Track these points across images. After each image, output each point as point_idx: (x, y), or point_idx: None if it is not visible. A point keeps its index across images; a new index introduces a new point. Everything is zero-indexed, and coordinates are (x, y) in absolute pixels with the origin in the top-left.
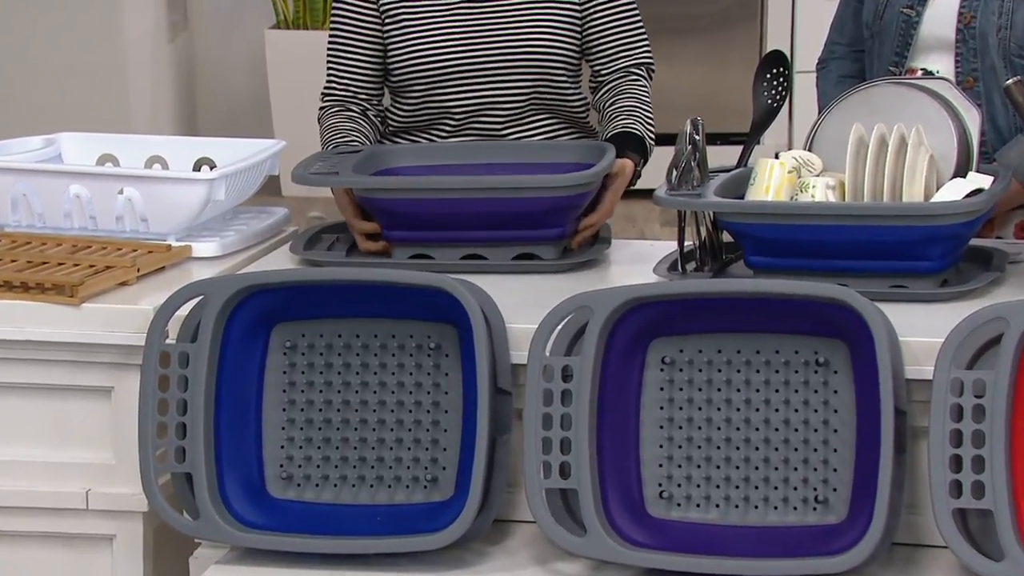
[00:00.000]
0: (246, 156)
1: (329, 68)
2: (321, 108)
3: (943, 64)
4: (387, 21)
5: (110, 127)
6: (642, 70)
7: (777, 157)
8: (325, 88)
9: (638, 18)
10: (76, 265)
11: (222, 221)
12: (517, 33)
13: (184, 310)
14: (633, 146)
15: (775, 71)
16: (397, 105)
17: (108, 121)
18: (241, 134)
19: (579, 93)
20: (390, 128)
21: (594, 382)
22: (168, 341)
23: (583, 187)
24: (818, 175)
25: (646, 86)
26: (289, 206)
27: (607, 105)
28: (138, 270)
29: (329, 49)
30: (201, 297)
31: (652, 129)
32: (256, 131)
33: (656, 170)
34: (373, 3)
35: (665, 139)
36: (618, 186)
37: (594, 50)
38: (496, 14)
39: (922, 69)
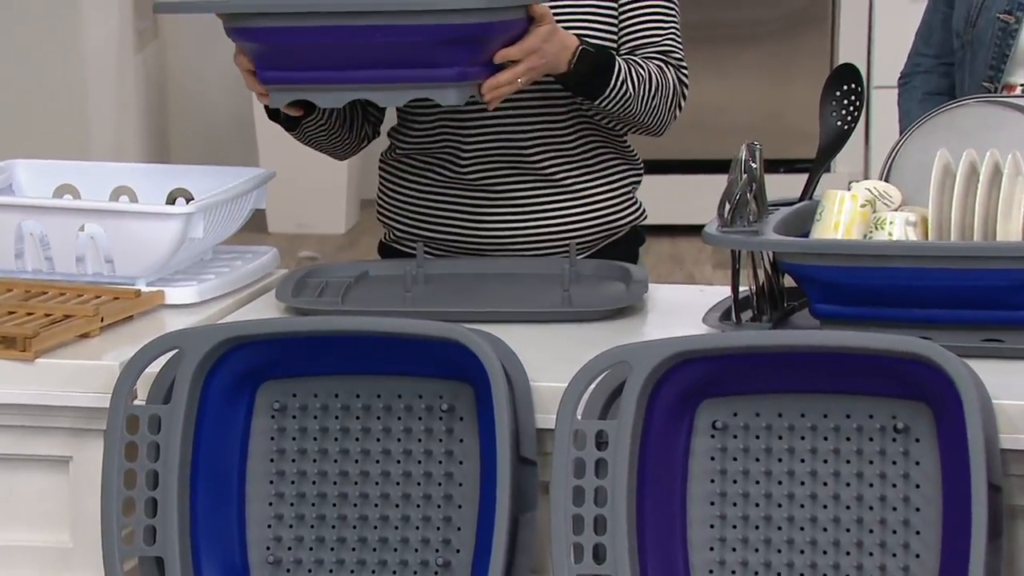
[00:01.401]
0: (228, 186)
1: None
2: None
3: None
4: None
5: (68, 153)
6: (664, 61)
7: (849, 188)
8: None
9: (672, 15)
10: (30, 314)
11: (200, 263)
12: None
13: (155, 366)
14: (597, 53)
15: (846, 87)
16: (403, 125)
17: (66, 146)
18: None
19: None
20: (397, 152)
21: (633, 450)
22: (137, 402)
23: (484, 13)
24: (897, 209)
25: (661, 69)
26: (277, 245)
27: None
28: (102, 320)
29: None
30: (175, 351)
31: (635, 74)
32: (239, 157)
33: (707, 202)
34: None
35: (717, 167)
36: (544, 32)
37: (621, 45)
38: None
39: (1021, 85)
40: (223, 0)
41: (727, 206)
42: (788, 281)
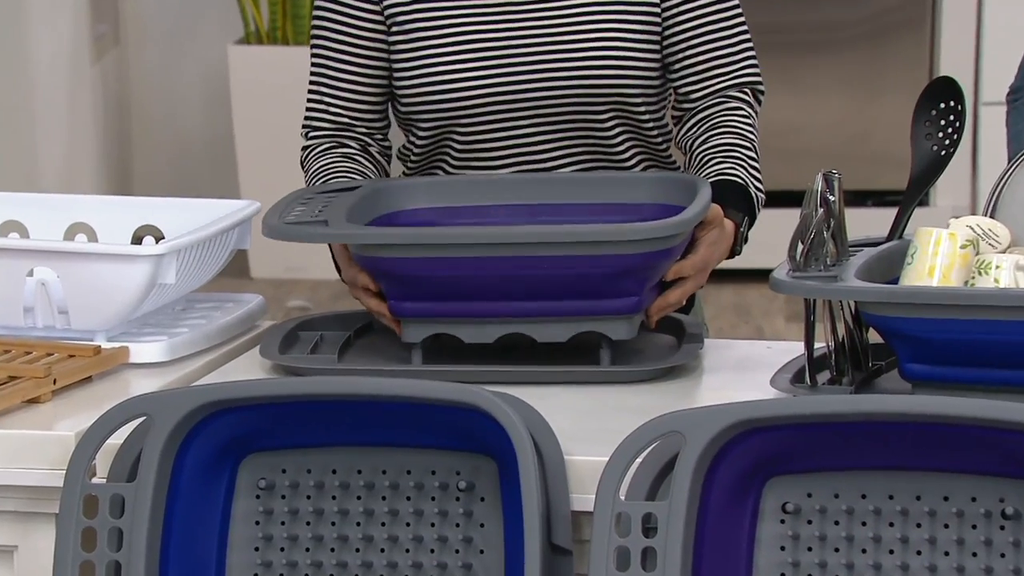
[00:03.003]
0: (204, 223)
1: (312, 90)
2: (305, 148)
3: None
4: (393, 28)
5: (13, 183)
6: (746, 92)
7: (948, 226)
8: (307, 119)
9: (740, 20)
10: None
11: (172, 314)
12: (577, 43)
13: (118, 437)
14: (734, 200)
15: (944, 104)
16: (410, 147)
17: (10, 175)
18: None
19: (661, 125)
20: (405, 175)
21: (687, 538)
22: (95, 480)
23: (669, 240)
24: (1005, 251)
25: (750, 116)
26: (263, 292)
27: (697, 144)
28: (54, 382)
29: (313, 64)
30: (143, 419)
31: (759, 178)
32: (217, 187)
33: (775, 241)
34: (374, 1)
35: (789, 199)
36: (713, 238)
37: (677, 66)
38: (547, 17)
39: None
40: (358, 231)
41: (800, 247)
42: (874, 336)
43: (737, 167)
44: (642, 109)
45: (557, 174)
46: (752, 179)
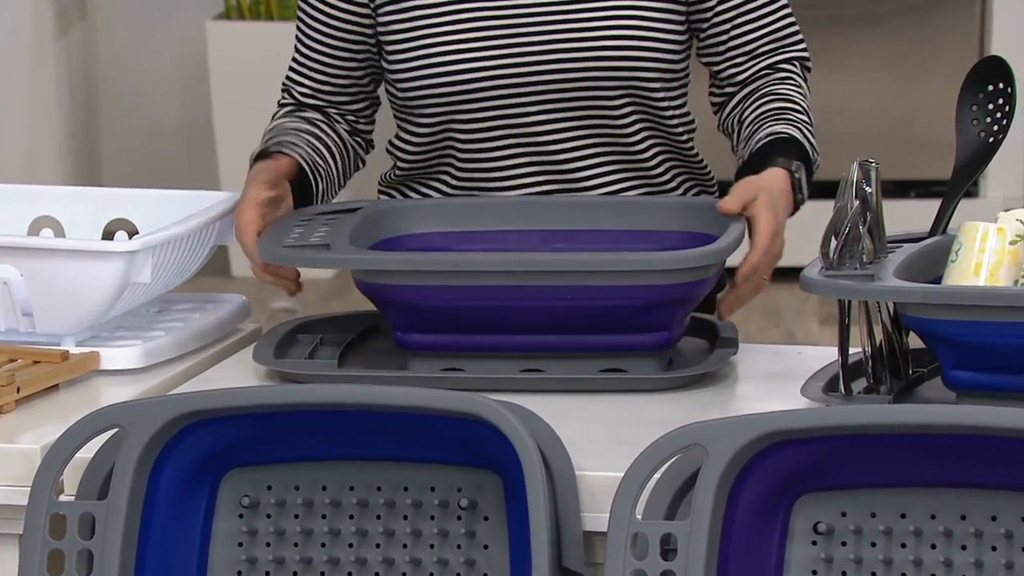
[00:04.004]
0: (181, 217)
1: (290, 66)
2: (278, 106)
3: None
4: (386, 7)
5: None
6: (794, 65)
7: (996, 219)
8: (286, 81)
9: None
10: None
11: (146, 316)
12: (589, 23)
13: (88, 451)
14: (783, 151)
15: (992, 87)
16: (403, 141)
17: None
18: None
19: (682, 115)
20: (396, 174)
21: (710, 560)
22: (64, 498)
23: (704, 271)
24: None
25: (801, 86)
26: (245, 292)
27: (746, 115)
28: (18, 390)
29: (298, 36)
30: (115, 431)
31: (813, 137)
32: (194, 177)
33: (807, 237)
34: None
35: (822, 190)
36: (773, 230)
37: (721, 47)
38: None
39: None
40: (363, 256)
41: (833, 242)
42: (914, 341)
43: (789, 127)
44: (660, 95)
45: (576, 197)
46: (805, 135)
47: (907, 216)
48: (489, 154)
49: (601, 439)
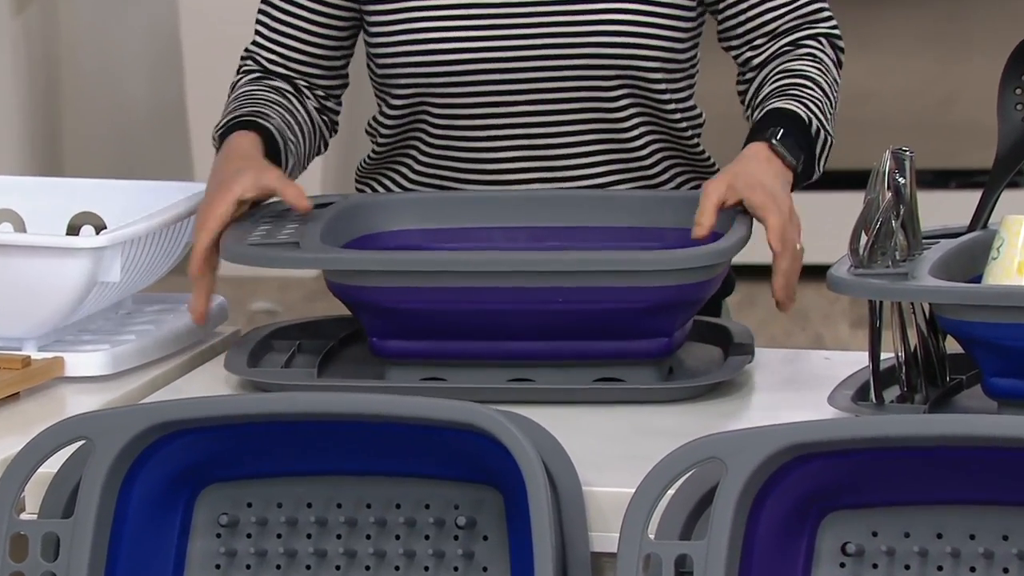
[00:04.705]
0: (153, 210)
1: (256, 30)
2: (232, 85)
3: None
4: None
5: None
6: (820, 42)
7: None
8: (244, 54)
9: None
10: None
11: (115, 319)
12: (583, 7)
13: (52, 465)
14: (766, 126)
15: None
16: (377, 123)
17: None
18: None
19: (686, 109)
20: (370, 158)
21: None
22: (25, 516)
23: (709, 270)
24: None
25: (822, 60)
26: (222, 292)
27: (755, 100)
28: None
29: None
30: (82, 443)
31: (821, 103)
32: (166, 166)
33: (836, 231)
34: None
35: (851, 180)
36: (788, 212)
37: (739, 29)
38: None
39: None
40: (335, 255)
41: (863, 238)
42: (952, 345)
43: (790, 102)
44: (662, 87)
45: (568, 192)
46: (806, 106)
47: (945, 209)
48: (465, 133)
49: (608, 452)
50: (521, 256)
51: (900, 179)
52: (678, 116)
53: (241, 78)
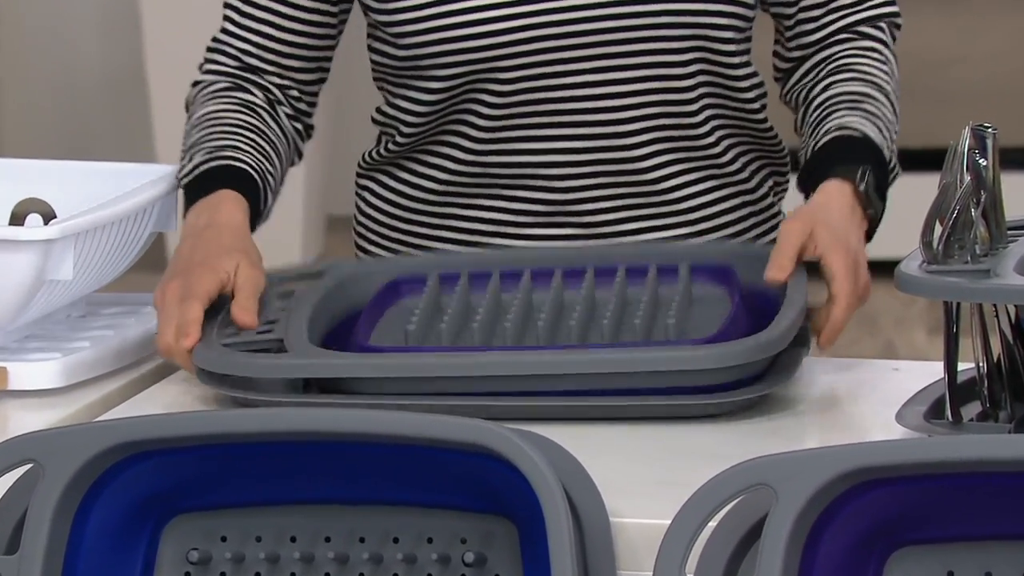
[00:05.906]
0: (110, 196)
1: (225, 15)
2: (195, 83)
3: None
4: None
5: None
6: (880, 28)
7: None
8: (212, 45)
9: None
10: None
11: (68, 322)
12: None
13: None
14: (853, 155)
15: None
16: (404, 111)
17: None
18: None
19: (750, 74)
20: (389, 149)
21: None
22: None
23: (754, 365)
24: None
25: (886, 60)
26: None
27: (812, 94)
28: None
29: None
30: (29, 467)
31: (894, 132)
32: (124, 146)
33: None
34: None
35: (926, 160)
36: (851, 263)
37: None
38: None
39: None
40: (323, 360)
41: (938, 229)
42: None
43: (863, 120)
44: (731, 48)
45: (598, 245)
46: (882, 133)
47: None
48: (518, 121)
49: (639, 477)
50: (538, 358)
51: (981, 160)
52: (746, 84)
53: (205, 87)
